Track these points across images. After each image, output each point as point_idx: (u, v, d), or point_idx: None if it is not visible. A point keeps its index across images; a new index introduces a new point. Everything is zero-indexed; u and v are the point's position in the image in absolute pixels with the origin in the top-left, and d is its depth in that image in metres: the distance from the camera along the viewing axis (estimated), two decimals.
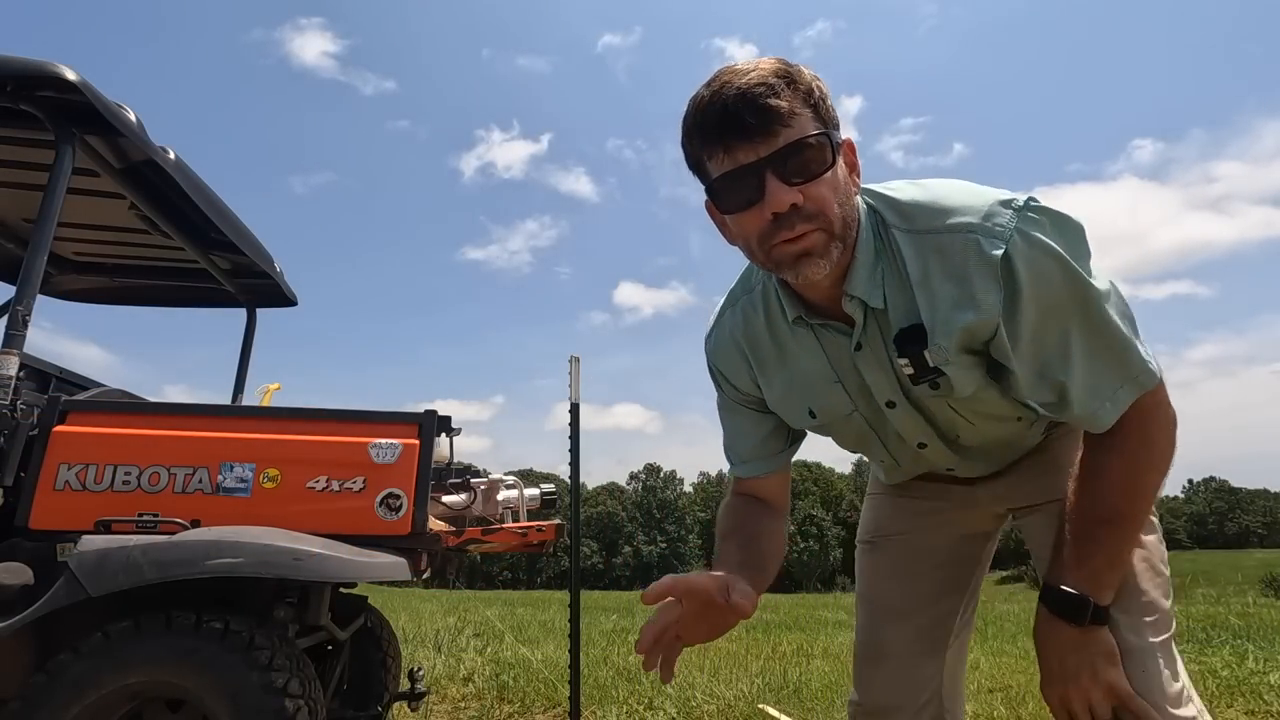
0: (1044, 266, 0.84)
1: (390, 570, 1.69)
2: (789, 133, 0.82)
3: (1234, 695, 3.16)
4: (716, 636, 0.92)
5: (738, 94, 0.81)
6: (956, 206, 0.89)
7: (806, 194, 0.83)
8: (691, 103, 0.87)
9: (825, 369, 1.04)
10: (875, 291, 0.93)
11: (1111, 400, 0.88)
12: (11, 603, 1.50)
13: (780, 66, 0.84)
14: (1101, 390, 0.88)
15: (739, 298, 1.12)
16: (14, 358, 1.65)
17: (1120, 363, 0.87)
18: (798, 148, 0.82)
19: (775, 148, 0.82)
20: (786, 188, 0.82)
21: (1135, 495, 0.91)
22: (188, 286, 3.05)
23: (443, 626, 6.63)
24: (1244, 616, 6.29)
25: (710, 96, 0.84)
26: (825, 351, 1.03)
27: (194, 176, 2.19)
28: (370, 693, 2.33)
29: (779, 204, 0.83)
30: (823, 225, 0.85)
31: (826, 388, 1.05)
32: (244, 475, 1.75)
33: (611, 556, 70.65)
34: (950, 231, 0.88)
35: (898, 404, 1.03)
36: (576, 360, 3.00)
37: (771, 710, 3.09)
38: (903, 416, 1.04)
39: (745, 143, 0.82)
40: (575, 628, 2.85)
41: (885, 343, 0.96)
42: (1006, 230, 0.85)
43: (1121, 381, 0.88)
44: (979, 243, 0.85)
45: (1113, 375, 0.88)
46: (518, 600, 13.19)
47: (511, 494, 2.36)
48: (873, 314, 0.95)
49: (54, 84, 1.71)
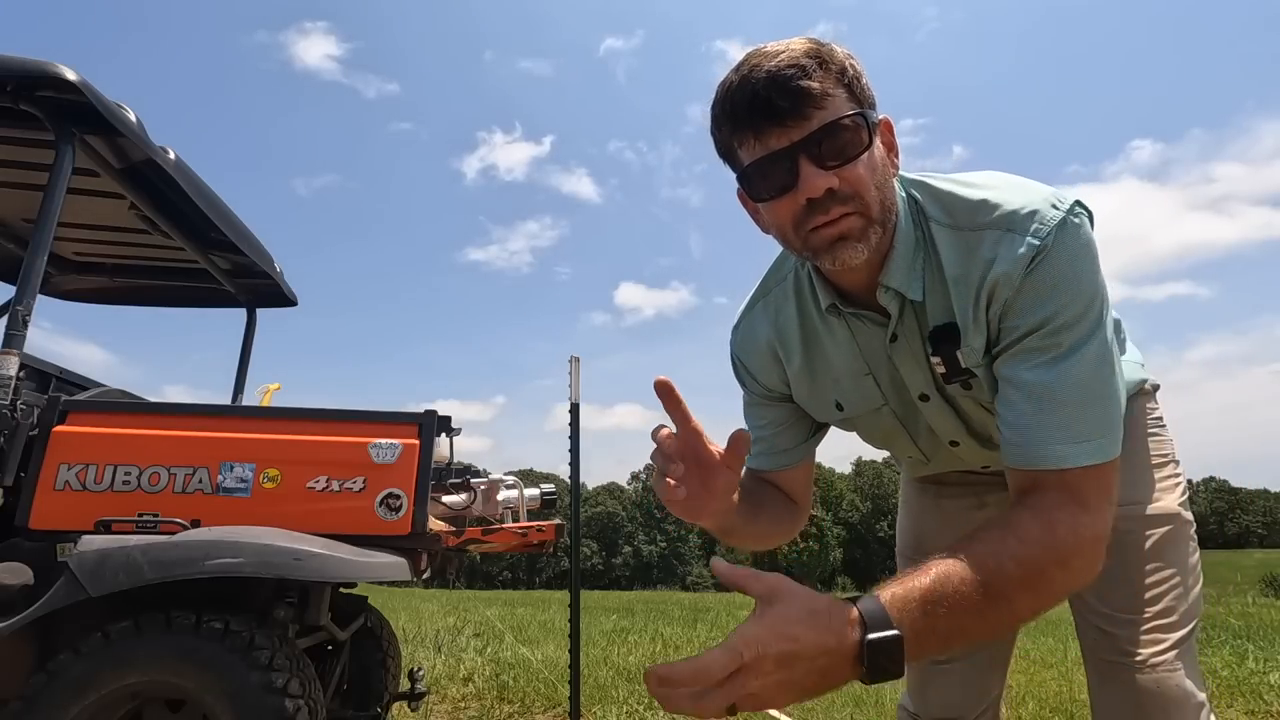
0: (1075, 270, 0.80)
1: (390, 570, 1.69)
2: (822, 115, 0.78)
3: (1234, 695, 3.16)
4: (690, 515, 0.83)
5: (768, 77, 0.77)
6: (1000, 202, 0.84)
7: (842, 177, 0.79)
8: (720, 88, 0.83)
9: (857, 361, 1.00)
10: (914, 284, 0.88)
11: (1090, 444, 0.77)
12: (11, 603, 1.50)
13: (811, 46, 0.80)
14: (1080, 429, 0.78)
15: (771, 288, 1.08)
16: (14, 358, 1.65)
17: (1108, 409, 0.79)
18: (832, 130, 0.78)
19: (808, 131, 0.78)
20: (821, 172, 0.78)
21: (1031, 588, 0.70)
22: (188, 286, 3.05)
23: (443, 626, 6.64)
24: (1244, 616, 6.29)
25: (739, 81, 0.80)
26: (857, 342, 0.99)
27: (194, 176, 2.19)
28: (370, 693, 2.33)
29: (814, 189, 0.79)
30: (859, 209, 0.81)
31: (857, 380, 1.02)
32: (244, 475, 1.75)
33: (611, 556, 70.64)
34: (991, 228, 0.84)
35: (931, 398, 0.99)
36: (576, 360, 3.00)
37: (771, 710, 3.09)
38: (936, 412, 1.01)
39: (777, 127, 0.78)
40: (575, 628, 2.85)
41: (922, 336, 0.93)
42: (1046, 229, 0.80)
43: (1101, 431, 0.78)
44: (1013, 240, 0.81)
45: (1097, 419, 0.78)
46: (518, 600, 13.19)
47: (511, 494, 2.36)
48: (910, 306, 0.91)
49: (54, 84, 1.71)
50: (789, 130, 0.78)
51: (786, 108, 0.77)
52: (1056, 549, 0.72)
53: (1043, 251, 0.80)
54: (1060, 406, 0.78)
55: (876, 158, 0.82)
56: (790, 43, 0.80)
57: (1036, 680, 3.59)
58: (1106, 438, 0.78)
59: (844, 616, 0.63)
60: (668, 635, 6.05)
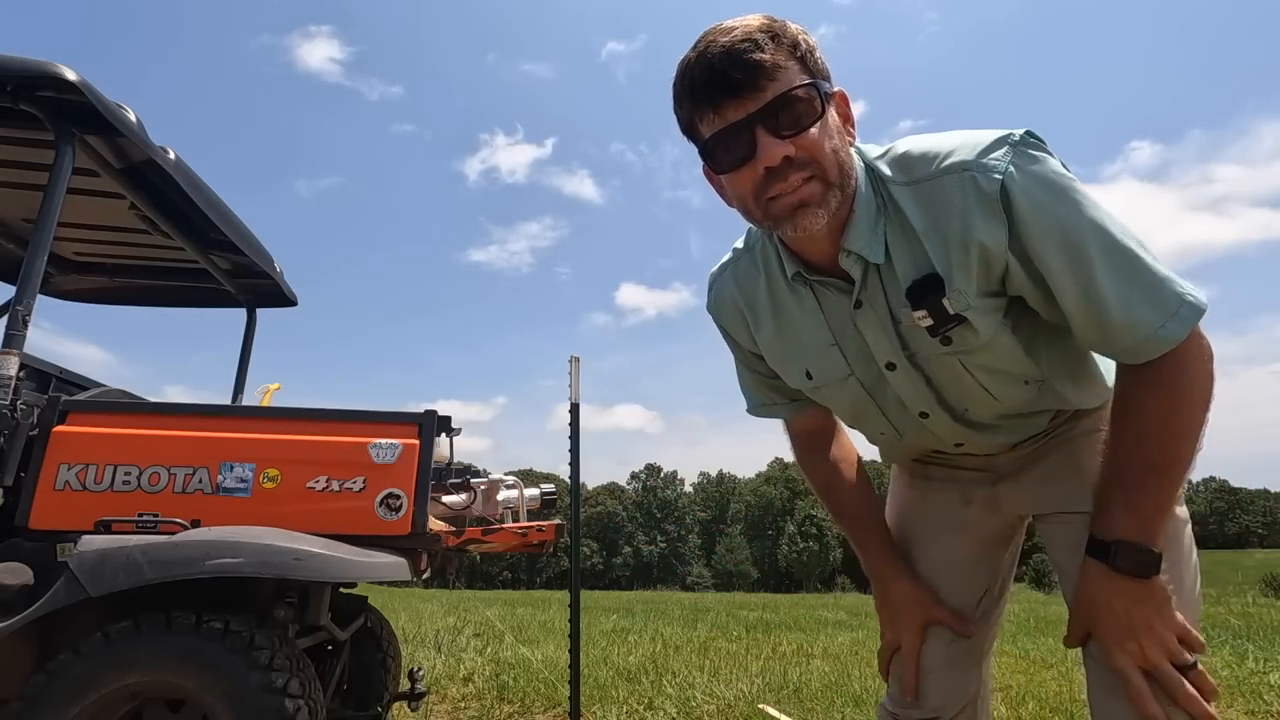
0: (1043, 196, 0.82)
1: (390, 570, 1.69)
2: (776, 86, 0.81)
3: (1234, 695, 3.15)
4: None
5: (722, 52, 0.81)
6: (951, 149, 0.87)
7: (798, 144, 0.82)
8: (679, 67, 0.86)
9: (822, 330, 1.02)
10: (876, 247, 0.91)
11: (1158, 336, 0.82)
12: (11, 603, 1.50)
13: (765, 22, 0.83)
14: (1142, 324, 0.83)
15: (741, 255, 1.10)
16: (14, 358, 1.65)
17: (1158, 293, 0.82)
18: (786, 100, 0.81)
19: (763, 102, 0.81)
20: (778, 141, 0.82)
21: (1179, 436, 0.85)
22: (188, 286, 3.05)
23: (443, 626, 6.63)
24: (1244, 616, 6.30)
25: (696, 58, 0.83)
26: (824, 311, 1.01)
27: (194, 176, 2.19)
28: (370, 693, 2.33)
29: (771, 158, 0.82)
30: (817, 173, 0.84)
31: (823, 350, 1.04)
32: (244, 475, 1.75)
33: (611, 556, 70.63)
34: (947, 173, 0.86)
35: (898, 365, 1.00)
36: (576, 360, 3.00)
37: (771, 710, 3.09)
38: (903, 380, 1.01)
39: (733, 100, 0.82)
40: (575, 628, 2.85)
41: (887, 300, 0.94)
42: (1002, 163, 0.83)
43: (1167, 313, 0.82)
44: (975, 179, 0.84)
45: (1156, 306, 0.82)
46: (518, 600, 13.19)
47: (511, 494, 2.36)
48: (873, 270, 0.93)
49: (54, 84, 1.71)
50: (745, 103, 0.82)
51: (741, 80, 0.81)
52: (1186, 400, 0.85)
53: (1008, 180, 0.82)
54: (1129, 297, 0.83)
55: (831, 125, 0.86)
56: (745, 19, 0.84)
57: (1036, 680, 3.59)
58: (1182, 304, 0.82)
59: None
60: (668, 635, 6.05)
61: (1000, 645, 5.07)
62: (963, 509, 1.22)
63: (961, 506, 1.22)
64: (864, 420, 1.14)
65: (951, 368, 0.97)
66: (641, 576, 68.75)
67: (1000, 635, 5.73)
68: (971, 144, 0.86)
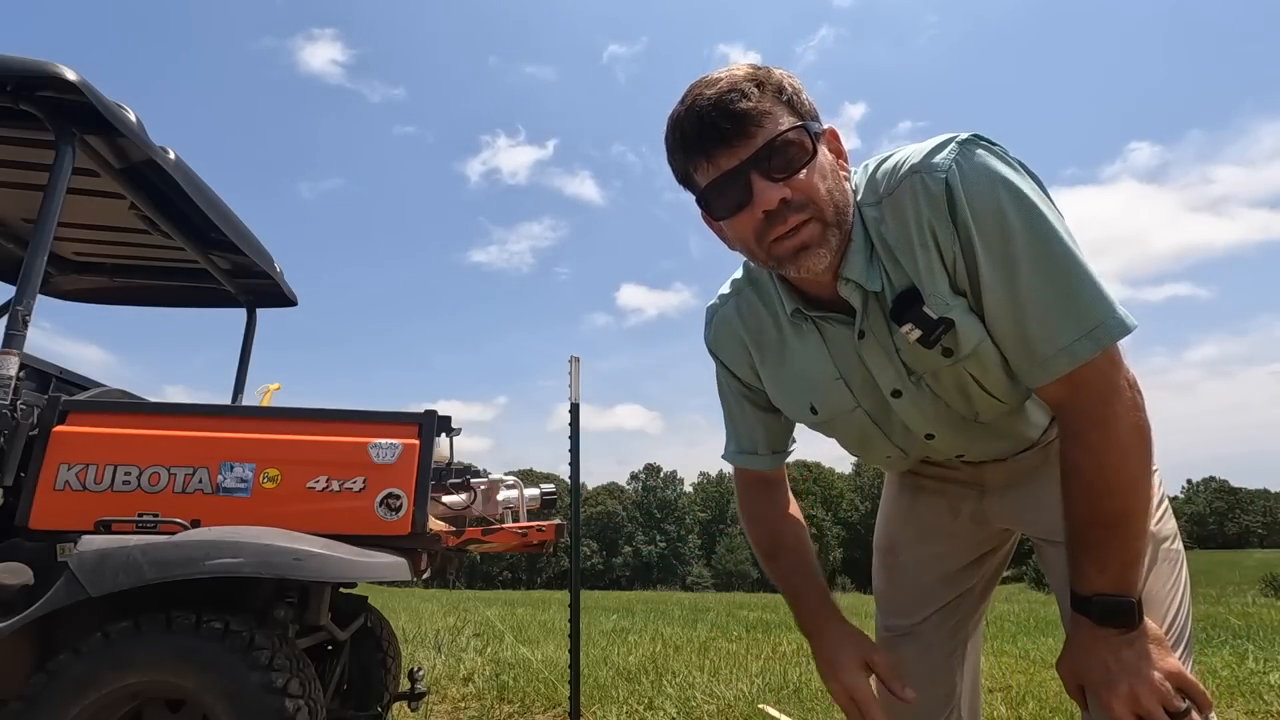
0: (984, 190, 0.83)
1: (390, 570, 1.69)
2: (765, 131, 0.83)
3: (1234, 695, 3.15)
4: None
5: (710, 104, 0.83)
6: (905, 157, 0.89)
7: (793, 186, 0.84)
8: (670, 121, 0.89)
9: (827, 365, 1.02)
10: (873, 274, 0.91)
11: (1068, 350, 0.82)
12: (11, 603, 1.50)
13: (749, 70, 0.85)
14: (1057, 334, 0.82)
15: (743, 288, 1.11)
16: (14, 358, 1.65)
17: (1078, 305, 0.81)
18: (778, 144, 0.83)
19: (755, 148, 0.83)
20: (773, 184, 0.83)
21: (1122, 491, 0.84)
22: (188, 286, 3.05)
23: (443, 626, 6.63)
24: (1244, 616, 6.29)
25: (685, 111, 0.85)
26: (828, 346, 1.01)
27: (194, 176, 2.19)
28: (370, 693, 2.33)
29: (768, 202, 0.83)
30: (814, 214, 0.85)
31: (829, 384, 1.04)
32: (244, 475, 1.75)
33: (611, 556, 70.61)
34: (902, 181, 0.88)
35: (904, 392, 1.00)
36: (577, 360, 3.00)
37: (771, 710, 3.09)
38: (909, 406, 1.01)
39: (725, 148, 0.84)
40: (575, 628, 2.85)
41: (887, 325, 0.95)
42: (947, 160, 0.84)
43: (1082, 329, 0.81)
44: (923, 179, 0.85)
45: (1073, 318, 0.81)
46: (518, 600, 13.19)
47: (511, 494, 2.36)
48: (872, 298, 0.94)
49: (54, 84, 1.71)
50: (736, 150, 0.83)
51: (731, 129, 0.83)
52: (1117, 454, 0.84)
53: (950, 176, 0.83)
54: (1050, 306, 0.83)
55: (824, 165, 0.87)
56: (730, 69, 0.86)
57: (1036, 680, 3.59)
58: (1101, 321, 0.81)
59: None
60: (668, 635, 6.05)
61: (1000, 645, 5.07)
62: (950, 520, 1.24)
63: (950, 518, 1.24)
64: (869, 447, 1.12)
65: (957, 378, 0.96)
66: (641, 576, 68.71)
67: (1000, 635, 5.72)
68: (921, 149, 0.88)
